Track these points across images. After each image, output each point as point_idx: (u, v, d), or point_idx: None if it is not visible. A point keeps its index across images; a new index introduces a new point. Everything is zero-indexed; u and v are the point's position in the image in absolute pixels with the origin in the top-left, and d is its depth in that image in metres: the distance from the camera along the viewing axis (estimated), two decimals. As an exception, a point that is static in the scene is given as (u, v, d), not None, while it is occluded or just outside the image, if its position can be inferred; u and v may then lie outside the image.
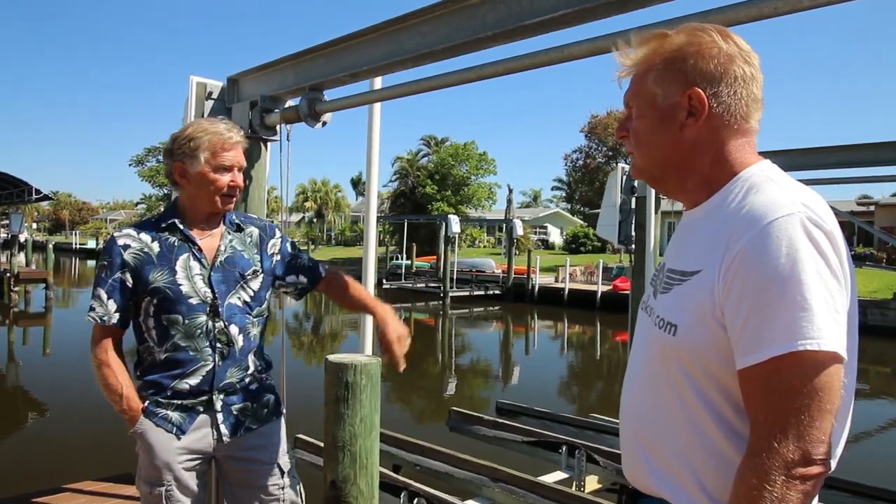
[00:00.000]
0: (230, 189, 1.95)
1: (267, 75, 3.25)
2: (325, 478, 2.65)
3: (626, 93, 1.14)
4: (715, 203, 1.06)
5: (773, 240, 0.91)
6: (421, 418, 10.18)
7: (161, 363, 1.91)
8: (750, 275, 0.92)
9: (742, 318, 0.93)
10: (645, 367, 1.12)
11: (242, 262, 2.00)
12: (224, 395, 1.96)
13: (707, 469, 1.01)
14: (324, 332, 20.55)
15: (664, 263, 1.15)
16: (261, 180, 3.40)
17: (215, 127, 1.93)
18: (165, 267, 1.89)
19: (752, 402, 0.94)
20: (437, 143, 42.49)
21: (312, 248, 40.46)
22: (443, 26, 2.40)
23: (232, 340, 1.94)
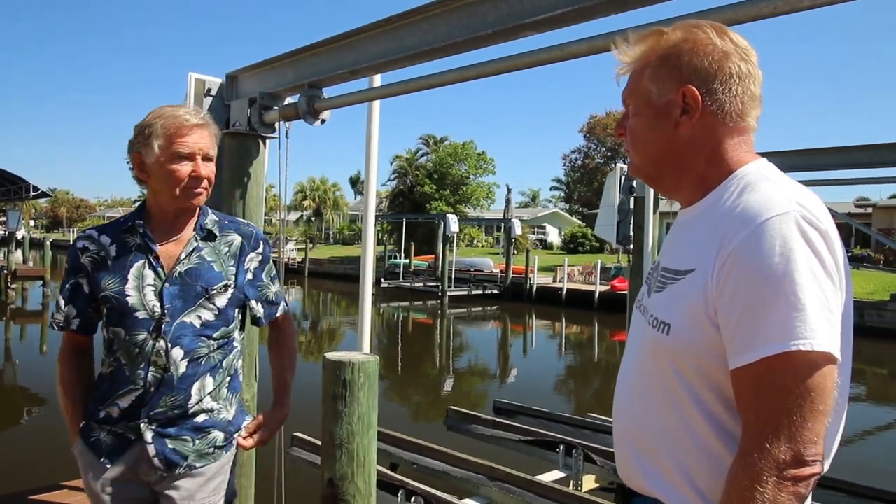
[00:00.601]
0: (192, 181, 1.67)
1: (266, 72, 3.25)
2: (322, 476, 2.64)
3: (623, 91, 1.14)
4: (710, 202, 1.05)
5: (768, 238, 0.90)
6: (418, 417, 10.18)
7: (104, 379, 1.74)
8: (743, 274, 0.91)
9: (735, 317, 0.92)
10: (638, 367, 1.11)
11: (209, 275, 1.73)
12: (156, 425, 1.69)
13: (699, 468, 1.01)
14: (321, 330, 20.54)
15: (659, 262, 1.14)
16: (259, 178, 3.39)
17: (173, 110, 1.69)
18: (118, 274, 1.69)
19: (745, 403, 0.93)
20: (436, 142, 42.50)
21: (311, 246, 40.40)
22: (443, 24, 2.39)
23: (170, 365, 1.67)
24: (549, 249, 45.53)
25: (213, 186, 1.75)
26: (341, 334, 19.44)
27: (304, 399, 5.01)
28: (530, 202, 68.57)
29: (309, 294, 30.57)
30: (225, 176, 3.34)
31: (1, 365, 12.98)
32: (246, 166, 3.29)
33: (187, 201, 1.69)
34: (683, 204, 1.13)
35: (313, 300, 28.93)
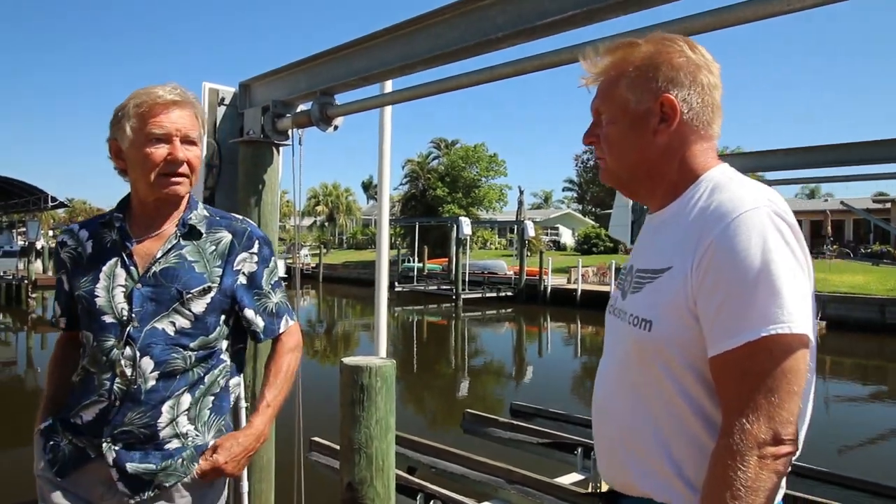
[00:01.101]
0: (167, 165, 1.48)
1: (279, 80, 3.28)
2: (341, 480, 2.66)
3: (594, 100, 1.18)
4: (680, 204, 1.10)
5: (743, 231, 0.96)
6: (434, 420, 10.19)
7: (75, 386, 1.59)
8: (722, 265, 0.96)
9: (715, 306, 0.97)
10: (620, 368, 1.14)
11: (187, 277, 1.53)
12: (120, 445, 1.48)
13: (689, 460, 1.04)
14: (336, 335, 20.62)
15: (632, 265, 1.18)
16: (273, 185, 3.42)
17: (148, 88, 1.50)
18: (91, 273, 1.54)
19: (725, 386, 0.97)
20: (448, 145, 42.54)
21: (325, 251, 40.59)
22: (453, 29, 2.40)
23: (136, 377, 1.47)
24: (562, 251, 45.38)
25: (196, 173, 1.56)
26: (356, 338, 19.51)
27: (322, 404, 5.06)
28: (543, 204, 68.45)
29: (324, 299, 30.70)
30: (240, 183, 3.38)
31: (23, 373, 13.17)
32: (260, 174, 3.32)
33: (164, 189, 1.50)
34: (653, 208, 1.18)
35: (328, 305, 29.06)
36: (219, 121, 3.42)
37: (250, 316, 1.64)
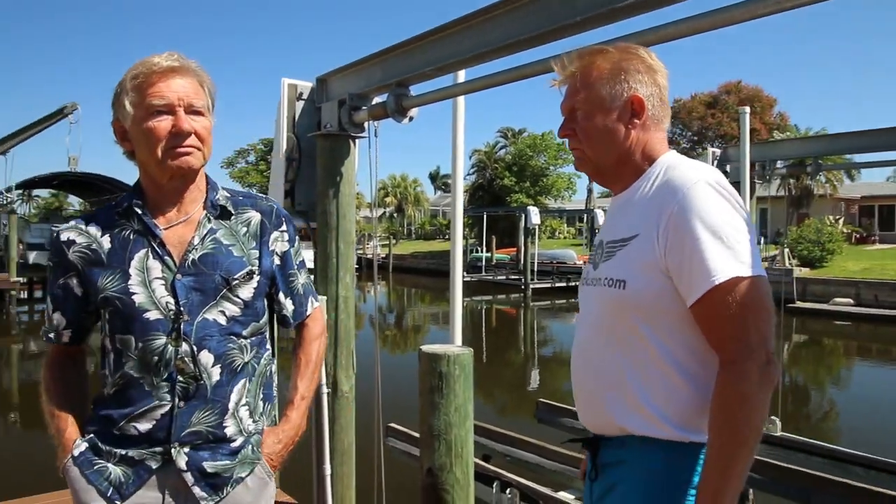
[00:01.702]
0: (173, 137, 1.35)
1: (354, 74, 3.34)
2: (421, 465, 2.71)
3: (568, 98, 1.37)
4: (640, 184, 1.32)
5: (696, 199, 1.18)
6: (506, 409, 10.19)
7: (106, 401, 1.42)
8: (686, 227, 1.17)
9: (687, 262, 1.17)
10: (597, 326, 1.33)
11: (228, 262, 1.42)
12: (189, 447, 1.38)
13: (660, 396, 1.23)
14: (406, 324, 20.92)
15: (601, 240, 1.37)
16: (350, 177, 3.50)
17: (144, 59, 1.37)
18: (117, 270, 1.38)
19: (714, 323, 1.17)
20: (514, 134, 42.17)
21: (394, 242, 41.18)
22: (529, 15, 2.38)
23: (200, 373, 1.38)
24: (633, 239, 44.11)
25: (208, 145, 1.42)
26: (426, 328, 19.73)
27: (394, 390, 5.15)
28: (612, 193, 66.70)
29: (393, 289, 31.20)
30: (319, 176, 3.47)
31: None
32: (338, 166, 3.40)
33: (173, 162, 1.36)
34: (617, 191, 1.38)
35: (398, 295, 29.51)
36: (297, 116, 3.52)
37: (281, 299, 1.56)
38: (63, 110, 16.23)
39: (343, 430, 3.46)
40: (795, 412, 9.97)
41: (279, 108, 3.54)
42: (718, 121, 38.64)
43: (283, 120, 3.51)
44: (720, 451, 1.14)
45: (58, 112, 16.27)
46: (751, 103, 30.10)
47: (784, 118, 38.96)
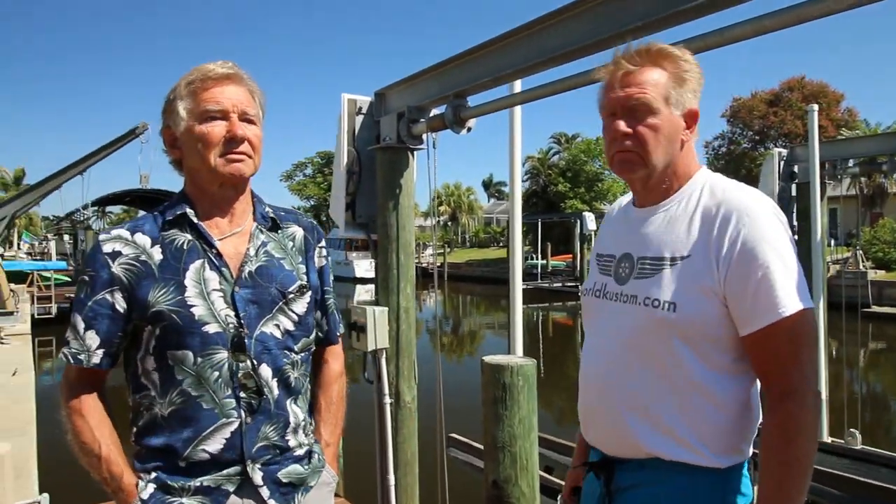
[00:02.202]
0: (228, 143, 1.32)
1: (412, 87, 3.38)
2: (486, 478, 2.70)
3: (633, 92, 1.26)
4: (679, 200, 1.29)
5: (766, 227, 1.17)
6: (564, 420, 10.04)
7: (165, 421, 1.31)
8: (755, 256, 1.15)
9: (753, 289, 1.15)
10: (629, 345, 1.27)
11: (282, 275, 1.40)
12: (261, 463, 1.34)
13: (699, 423, 1.22)
14: (463, 332, 20.92)
15: (625, 253, 1.33)
16: (409, 189, 3.54)
17: (198, 66, 1.36)
18: (171, 281, 1.30)
19: (776, 350, 1.16)
20: (568, 139, 41.76)
21: (448, 251, 41.34)
22: (586, 22, 2.36)
23: (262, 387, 1.34)
24: (694, 243, 42.88)
25: (259, 154, 1.39)
26: (482, 336, 19.68)
27: (453, 400, 5.15)
28: (671, 195, 65.02)
29: (449, 297, 31.27)
30: (378, 189, 3.52)
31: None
32: (397, 178, 3.45)
33: (226, 169, 1.33)
34: (643, 202, 1.34)
35: (453, 303, 29.56)
36: (357, 130, 3.59)
37: (318, 318, 1.51)
38: (135, 130, 17.00)
39: (406, 441, 3.48)
40: (874, 424, 9.46)
41: (339, 123, 3.61)
42: (781, 119, 37.21)
43: (343, 134, 3.59)
44: (784, 481, 1.12)
45: (130, 132, 17.05)
46: (816, 100, 28.88)
47: (852, 114, 37.18)
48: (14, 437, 5.46)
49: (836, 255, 22.03)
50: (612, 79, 1.28)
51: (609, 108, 1.29)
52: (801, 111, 33.64)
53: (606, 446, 1.33)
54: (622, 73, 1.27)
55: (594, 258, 1.46)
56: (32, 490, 4.45)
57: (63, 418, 1.34)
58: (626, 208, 1.43)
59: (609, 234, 1.44)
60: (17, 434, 5.66)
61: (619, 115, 1.27)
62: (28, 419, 6.26)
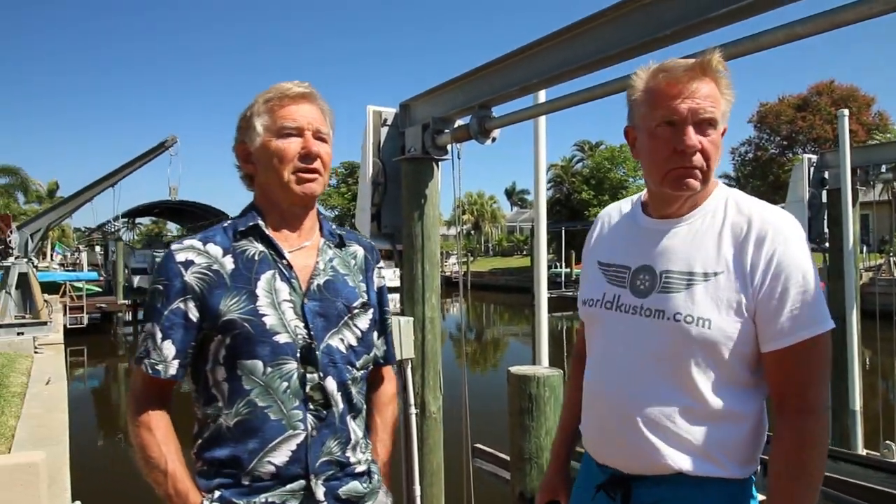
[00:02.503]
0: (304, 158, 1.35)
1: (437, 98, 3.40)
2: (512, 489, 2.68)
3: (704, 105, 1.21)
4: (703, 214, 1.27)
5: (799, 248, 1.20)
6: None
7: (230, 432, 1.30)
8: (790, 275, 1.18)
9: (787, 307, 1.18)
10: (656, 359, 1.25)
11: (346, 291, 1.42)
12: (323, 479, 1.33)
13: (724, 437, 1.23)
14: (486, 340, 20.86)
15: (646, 265, 1.30)
16: (434, 199, 3.55)
17: (275, 85, 1.41)
18: (243, 291, 1.31)
19: (798, 368, 1.19)
20: (591, 147, 41.60)
21: (472, 259, 41.32)
22: (614, 31, 2.35)
23: (329, 400, 1.34)
24: (721, 251, 42.28)
25: (328, 172, 1.43)
26: (506, 344, 19.60)
27: (477, 407, 5.13)
28: (696, 202, 64.23)
29: (472, 306, 31.21)
30: (403, 199, 3.54)
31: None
32: (422, 189, 3.46)
33: (299, 186, 1.36)
34: (663, 213, 1.30)
35: (476, 312, 29.50)
36: (382, 141, 3.61)
37: (375, 338, 1.50)
38: (164, 143, 17.35)
39: (431, 451, 3.48)
40: (912, 436, 9.17)
41: (365, 135, 3.64)
42: (810, 124, 36.61)
43: (368, 145, 3.61)
44: (797, 492, 1.17)
45: (160, 145, 17.39)
46: (846, 104, 28.33)
47: (884, 118, 36.41)
48: (48, 445, 5.56)
49: (868, 262, 21.53)
50: (679, 87, 1.20)
51: (679, 117, 1.20)
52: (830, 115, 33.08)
53: (625, 463, 1.30)
54: (692, 83, 1.20)
55: (594, 265, 1.41)
56: (65, 497, 4.53)
57: (129, 431, 1.33)
58: (633, 216, 1.38)
59: (615, 243, 1.39)
60: (50, 442, 5.77)
61: (695, 125, 1.21)
62: (61, 428, 6.38)
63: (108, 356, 20.15)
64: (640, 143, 1.29)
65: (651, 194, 1.35)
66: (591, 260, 1.43)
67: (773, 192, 40.68)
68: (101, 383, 17.06)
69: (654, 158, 1.24)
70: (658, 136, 1.22)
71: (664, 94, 1.21)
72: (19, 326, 12.90)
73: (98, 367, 18.57)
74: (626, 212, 1.43)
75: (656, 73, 1.24)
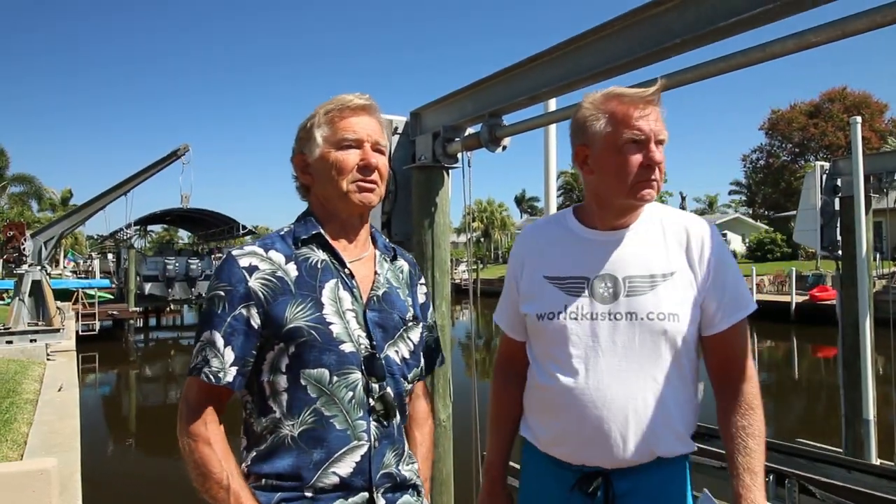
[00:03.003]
0: (363, 170, 1.35)
1: (447, 106, 3.41)
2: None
3: (661, 127, 1.37)
4: (643, 223, 1.44)
5: (721, 241, 1.44)
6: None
7: (294, 443, 1.26)
8: (725, 265, 1.41)
9: (730, 292, 1.40)
10: (639, 357, 1.37)
11: (400, 303, 1.42)
12: (383, 490, 1.31)
13: (687, 416, 1.42)
14: (494, 348, 20.79)
15: (606, 273, 1.40)
16: (444, 207, 3.56)
17: (337, 96, 1.41)
18: (308, 298, 1.29)
19: (732, 348, 1.41)
20: (601, 154, 41.57)
21: (481, 266, 41.30)
22: (625, 40, 2.35)
23: (391, 410, 1.33)
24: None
25: (385, 184, 1.43)
26: (516, 353, 19.50)
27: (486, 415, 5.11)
28: (707, 209, 64.08)
29: (481, 314, 31.17)
30: (414, 207, 3.55)
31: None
32: (433, 197, 3.47)
33: (357, 195, 1.36)
34: (609, 224, 1.44)
35: (486, 319, 29.43)
36: (393, 149, 3.63)
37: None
38: (176, 152, 17.51)
39: (441, 460, 3.47)
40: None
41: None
42: (822, 130, 36.41)
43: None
44: (760, 451, 1.34)
45: (172, 154, 17.56)
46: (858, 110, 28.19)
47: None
48: (60, 452, 5.60)
49: (882, 270, 21.33)
50: (640, 111, 1.35)
51: (645, 136, 1.34)
52: (842, 122, 32.88)
53: (609, 459, 1.38)
54: (649, 108, 1.35)
55: (541, 281, 1.47)
56: (77, 504, 4.55)
57: (183, 444, 1.24)
58: (571, 231, 1.49)
59: (560, 257, 1.46)
60: (62, 449, 5.81)
61: (657, 144, 1.36)
62: (73, 435, 6.43)
63: (119, 363, 20.27)
64: (600, 160, 1.39)
65: (603, 207, 1.43)
66: (535, 277, 1.48)
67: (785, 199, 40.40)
68: (112, 390, 17.16)
69: (620, 173, 1.35)
70: (625, 153, 1.34)
71: (629, 115, 1.34)
72: (32, 333, 13.03)
73: (109, 373, 18.68)
74: (554, 228, 1.53)
75: (614, 98, 1.37)
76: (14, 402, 7.60)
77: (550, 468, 1.46)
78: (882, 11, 1.63)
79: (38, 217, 37.74)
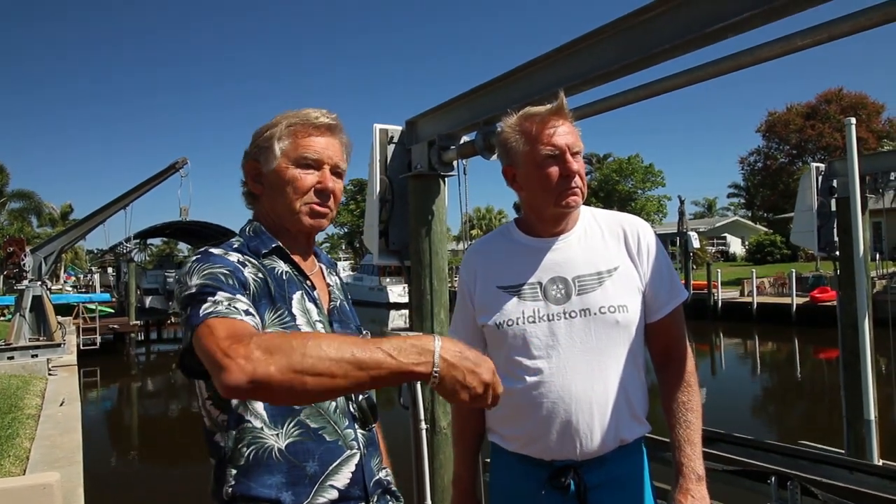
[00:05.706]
0: (319, 193, 1.31)
1: (442, 115, 3.44)
2: None
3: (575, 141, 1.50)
4: (581, 226, 1.55)
5: (657, 239, 1.55)
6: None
7: (279, 458, 1.18)
8: (659, 257, 1.53)
9: (666, 281, 1.52)
10: (599, 350, 1.46)
11: (352, 313, 1.45)
12: (377, 499, 1.30)
13: (640, 400, 1.52)
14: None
15: (556, 276, 1.50)
16: (441, 215, 3.58)
17: (301, 110, 1.35)
18: (281, 307, 1.24)
19: (675, 333, 1.55)
20: (599, 160, 41.62)
21: (481, 274, 41.30)
22: (615, 46, 2.38)
23: (369, 417, 1.33)
24: (731, 261, 42.08)
25: (337, 208, 1.39)
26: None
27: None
28: (706, 212, 64.04)
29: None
30: (411, 216, 3.57)
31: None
32: (429, 205, 3.49)
33: (308, 219, 1.32)
34: (550, 231, 1.53)
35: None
36: (389, 158, 3.66)
37: None
38: (175, 165, 17.52)
39: (442, 467, 3.47)
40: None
41: (372, 152, 3.68)
42: (819, 132, 36.50)
43: (375, 163, 3.65)
44: (698, 424, 1.47)
45: (170, 167, 17.57)
46: (855, 111, 28.32)
47: (894, 125, 36.25)
48: (62, 466, 5.60)
49: (881, 270, 21.34)
50: (551, 128, 1.46)
51: (560, 150, 1.45)
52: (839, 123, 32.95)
53: (579, 451, 1.45)
54: (559, 122, 1.47)
55: (494, 291, 1.53)
56: (79, 518, 4.54)
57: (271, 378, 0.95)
58: (515, 242, 1.58)
59: (510, 267, 1.54)
60: (65, 464, 5.80)
61: (574, 156, 1.48)
62: (75, 449, 6.42)
63: (120, 377, 20.23)
64: (525, 177, 1.50)
65: (540, 218, 1.54)
66: (489, 288, 1.55)
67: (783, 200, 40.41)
68: (114, 404, 17.13)
69: (545, 185, 1.47)
70: (544, 167, 1.46)
71: (542, 133, 1.45)
72: (33, 349, 13.02)
73: (111, 387, 18.65)
74: (501, 241, 1.62)
75: (527, 119, 1.49)
76: (16, 417, 7.60)
77: (521, 467, 1.51)
78: (867, 14, 1.66)
79: (37, 232, 37.81)
